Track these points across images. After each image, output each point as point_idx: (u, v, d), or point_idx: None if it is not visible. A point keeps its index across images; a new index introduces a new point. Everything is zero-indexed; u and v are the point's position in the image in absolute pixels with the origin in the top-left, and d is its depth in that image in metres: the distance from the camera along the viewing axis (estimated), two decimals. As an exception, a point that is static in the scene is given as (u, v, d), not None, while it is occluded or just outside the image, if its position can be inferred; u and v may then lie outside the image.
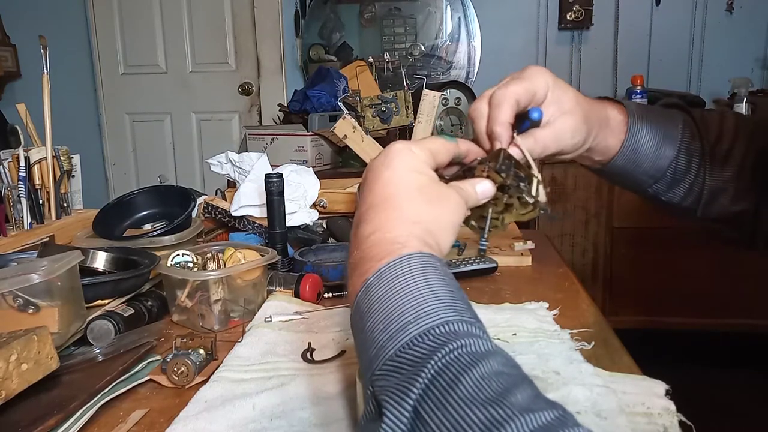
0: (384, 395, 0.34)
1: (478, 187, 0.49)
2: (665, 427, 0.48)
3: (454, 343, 0.34)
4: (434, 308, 0.37)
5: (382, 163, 0.45)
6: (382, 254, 0.40)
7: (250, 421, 0.50)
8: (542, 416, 0.29)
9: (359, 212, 0.45)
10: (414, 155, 0.46)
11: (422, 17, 2.66)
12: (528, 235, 1.08)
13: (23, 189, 0.94)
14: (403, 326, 0.36)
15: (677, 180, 0.63)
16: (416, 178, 0.45)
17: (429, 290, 0.38)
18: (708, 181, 0.63)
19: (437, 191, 0.45)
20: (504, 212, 0.51)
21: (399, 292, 0.38)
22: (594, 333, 0.66)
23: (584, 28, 2.54)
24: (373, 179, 0.45)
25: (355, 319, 0.41)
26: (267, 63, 2.75)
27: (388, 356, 0.36)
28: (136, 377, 0.58)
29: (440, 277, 0.39)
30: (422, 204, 0.43)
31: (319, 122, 2.07)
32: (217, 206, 1.08)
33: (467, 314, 0.37)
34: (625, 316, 2.09)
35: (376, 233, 0.42)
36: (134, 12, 2.83)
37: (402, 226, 0.42)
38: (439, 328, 0.35)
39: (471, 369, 0.32)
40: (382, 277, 0.39)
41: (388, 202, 0.43)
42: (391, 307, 0.38)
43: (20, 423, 0.47)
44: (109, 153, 3.01)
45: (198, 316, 0.72)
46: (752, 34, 2.47)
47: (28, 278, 0.59)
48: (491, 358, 0.34)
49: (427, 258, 0.40)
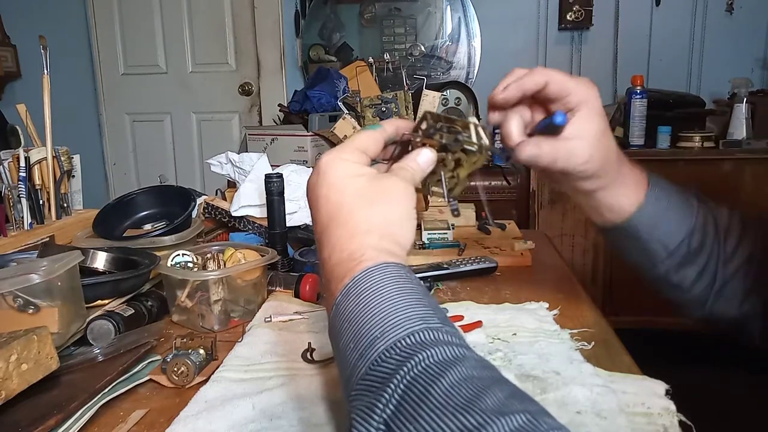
0: (354, 414, 0.34)
1: (419, 158, 0.48)
2: (665, 427, 0.48)
3: (420, 354, 0.34)
4: (398, 320, 0.36)
5: (317, 182, 0.45)
6: (344, 273, 0.40)
7: (250, 421, 0.50)
8: (515, 420, 0.29)
9: (316, 237, 0.45)
10: (344, 161, 0.45)
11: (422, 17, 2.66)
12: (528, 235, 1.08)
13: (23, 189, 0.94)
14: (370, 343, 0.36)
15: (690, 258, 0.60)
16: (353, 183, 0.44)
17: (393, 301, 0.37)
18: (720, 267, 0.60)
19: (377, 188, 0.44)
20: (456, 168, 0.51)
21: (364, 308, 0.38)
22: (594, 333, 0.66)
23: (584, 29, 2.54)
24: (315, 200, 0.45)
25: (331, 341, 0.41)
26: (267, 63, 2.75)
27: (360, 375, 0.35)
28: (136, 377, 0.58)
29: (403, 285, 0.39)
30: (365, 209, 0.43)
31: (319, 122, 2.07)
32: (217, 206, 1.08)
33: (433, 320, 0.37)
34: (625, 316, 2.08)
35: (333, 255, 0.42)
36: (134, 12, 2.83)
37: (354, 241, 0.41)
38: (404, 340, 0.35)
39: (440, 378, 0.32)
40: (348, 295, 0.39)
41: (335, 220, 0.43)
42: (359, 325, 0.37)
43: (20, 423, 0.47)
44: (109, 153, 3.01)
45: (198, 316, 0.72)
46: (752, 34, 2.47)
47: (28, 278, 0.59)
48: (460, 365, 0.33)
49: (389, 267, 0.40)
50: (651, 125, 2.19)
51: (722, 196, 0.62)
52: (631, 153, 2.17)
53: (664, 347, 1.94)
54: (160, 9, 2.82)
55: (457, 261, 0.90)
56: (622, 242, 0.61)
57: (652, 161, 2.16)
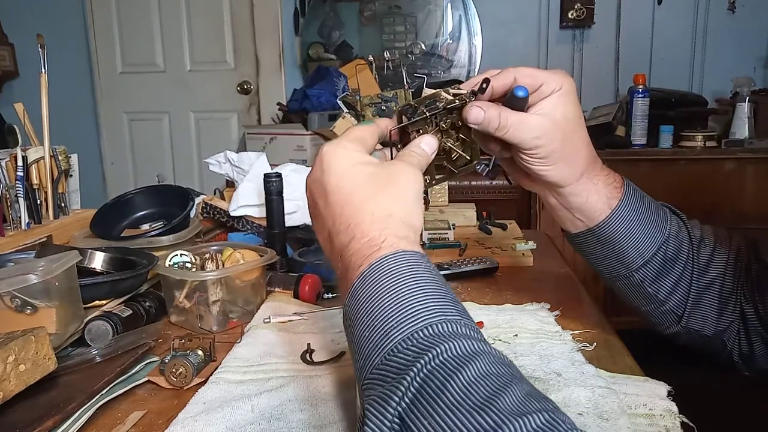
0: (368, 404, 0.33)
1: (423, 145, 0.48)
2: (667, 429, 0.48)
3: (439, 347, 0.33)
4: (416, 310, 0.36)
5: (323, 172, 0.44)
6: (362, 259, 0.40)
7: (249, 422, 0.49)
8: (533, 420, 0.28)
9: (326, 229, 0.44)
10: (347, 149, 0.44)
11: (423, 15, 2.65)
12: (530, 235, 1.08)
13: (21, 189, 0.93)
14: (386, 332, 0.35)
15: (666, 268, 0.59)
16: (361, 170, 0.43)
17: (411, 291, 0.37)
18: (695, 278, 0.59)
19: (388, 174, 0.44)
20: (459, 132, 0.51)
21: (381, 296, 0.37)
22: (596, 334, 0.66)
23: (586, 27, 2.53)
24: (322, 192, 0.44)
25: (345, 328, 0.41)
26: (266, 62, 2.74)
27: (374, 365, 0.35)
28: (135, 378, 0.57)
29: (422, 274, 0.38)
30: (381, 195, 0.42)
31: (318, 121, 2.06)
32: (215, 206, 1.07)
33: (452, 312, 0.36)
34: (627, 317, 2.06)
35: (352, 242, 0.41)
36: (132, 10, 2.83)
37: (374, 227, 0.41)
38: (422, 331, 0.35)
39: (457, 373, 0.31)
40: (365, 282, 0.38)
41: (348, 207, 0.42)
42: (375, 313, 0.37)
43: (18, 424, 0.47)
44: (106, 152, 3.00)
45: (196, 317, 0.71)
46: (754, 33, 2.47)
47: (26, 278, 0.58)
48: (479, 360, 0.33)
49: (407, 255, 0.39)
50: (653, 124, 2.19)
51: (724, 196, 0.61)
52: (633, 152, 2.17)
53: (666, 348, 1.93)
54: (159, 7, 2.81)
55: (457, 261, 0.90)
56: (595, 248, 0.60)
57: (654, 161, 2.16)
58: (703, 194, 2.05)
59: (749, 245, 0.60)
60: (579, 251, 0.62)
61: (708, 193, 2.07)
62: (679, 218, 0.62)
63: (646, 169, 2.15)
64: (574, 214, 0.58)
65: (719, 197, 2.08)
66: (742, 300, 0.59)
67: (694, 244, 0.60)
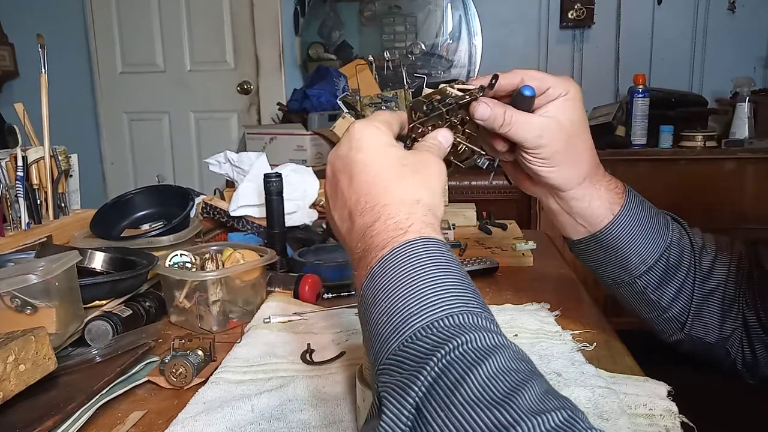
0: (385, 391, 0.33)
1: (439, 136, 0.49)
2: (667, 429, 0.48)
3: (459, 338, 0.33)
4: (438, 298, 0.35)
5: (351, 149, 0.43)
6: (386, 241, 0.39)
7: (249, 422, 0.49)
8: (552, 418, 0.28)
9: (347, 207, 0.43)
10: (379, 129, 0.44)
11: (423, 15, 2.65)
12: (530, 235, 1.08)
13: (21, 189, 0.93)
14: (406, 318, 0.35)
15: (669, 275, 0.59)
16: (392, 152, 0.43)
17: (433, 278, 0.36)
18: (698, 285, 0.59)
19: (416, 159, 0.44)
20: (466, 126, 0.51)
21: (402, 281, 0.37)
22: (596, 334, 0.66)
23: (586, 27, 2.53)
24: (347, 168, 0.43)
25: (361, 311, 0.40)
26: (266, 62, 2.74)
27: (391, 350, 0.34)
28: (135, 378, 0.57)
29: (445, 263, 0.38)
30: (410, 178, 0.42)
31: (318, 121, 2.06)
32: (215, 206, 1.07)
33: (473, 304, 0.36)
34: (627, 317, 2.07)
35: (377, 222, 0.40)
36: (132, 10, 2.83)
37: (402, 209, 0.40)
38: (443, 320, 0.34)
39: (477, 367, 0.31)
40: (386, 265, 0.38)
41: (376, 187, 0.41)
42: (395, 298, 0.36)
43: (18, 424, 0.47)
44: (106, 152, 3.00)
45: (196, 317, 0.71)
46: (755, 33, 2.47)
47: (26, 278, 0.58)
48: (498, 354, 0.32)
49: (430, 242, 0.39)
50: (653, 124, 2.19)
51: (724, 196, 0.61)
52: (633, 152, 2.17)
53: (666, 348, 1.93)
54: (159, 7, 2.81)
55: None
56: (598, 254, 0.60)
57: (654, 161, 2.16)
58: (703, 194, 2.05)
59: (750, 252, 0.60)
60: (581, 259, 0.62)
61: (708, 193, 2.07)
62: (681, 225, 0.62)
63: (646, 169, 2.15)
64: (576, 219, 0.58)
65: (719, 197, 2.08)
66: (744, 308, 0.59)
67: (696, 251, 0.60)
